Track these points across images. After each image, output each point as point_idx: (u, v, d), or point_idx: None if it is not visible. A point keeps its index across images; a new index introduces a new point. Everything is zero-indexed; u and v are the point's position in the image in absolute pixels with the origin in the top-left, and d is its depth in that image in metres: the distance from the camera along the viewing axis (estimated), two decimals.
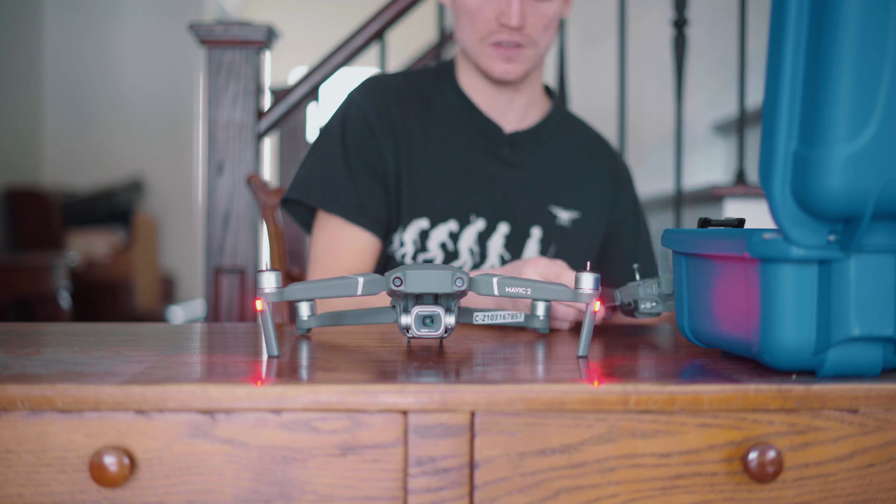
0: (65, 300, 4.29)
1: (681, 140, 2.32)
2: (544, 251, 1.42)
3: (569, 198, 1.46)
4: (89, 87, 5.77)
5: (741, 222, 0.97)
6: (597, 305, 0.91)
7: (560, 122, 1.51)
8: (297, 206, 1.44)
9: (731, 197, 2.30)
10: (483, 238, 1.41)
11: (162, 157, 5.85)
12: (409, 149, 1.41)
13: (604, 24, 3.22)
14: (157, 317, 5.21)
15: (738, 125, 2.32)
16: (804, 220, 0.76)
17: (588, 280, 0.92)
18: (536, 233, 1.42)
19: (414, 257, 1.40)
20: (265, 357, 0.90)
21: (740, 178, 2.29)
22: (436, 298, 0.92)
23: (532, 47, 1.38)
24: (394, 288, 0.89)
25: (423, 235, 1.41)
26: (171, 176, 5.90)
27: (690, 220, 2.52)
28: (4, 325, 1.20)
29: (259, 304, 0.91)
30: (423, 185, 1.41)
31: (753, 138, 2.70)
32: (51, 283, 4.19)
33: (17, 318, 4.01)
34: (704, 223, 0.97)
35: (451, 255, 1.41)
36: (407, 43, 5.00)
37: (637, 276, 1.08)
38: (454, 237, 1.41)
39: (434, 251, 1.40)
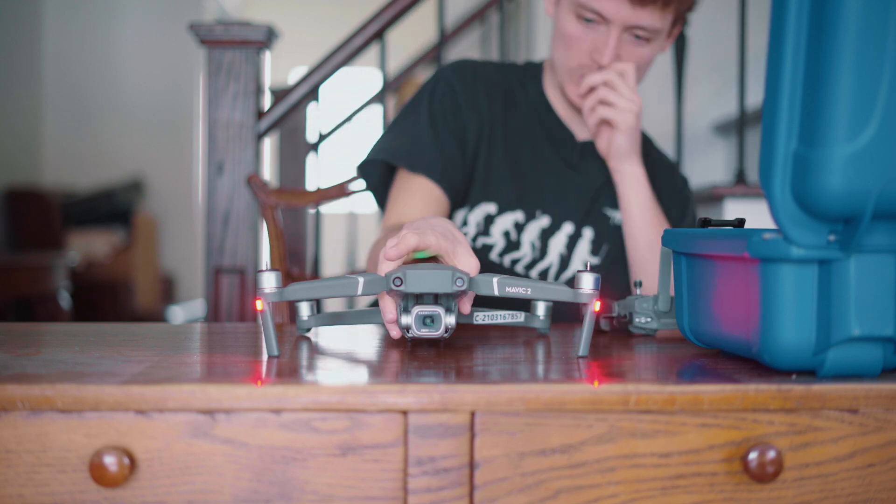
0: (65, 300, 4.29)
1: (681, 140, 2.32)
2: (596, 251, 1.44)
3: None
4: (89, 87, 5.77)
5: (741, 222, 0.97)
6: (597, 306, 0.91)
7: None
8: (373, 168, 1.46)
9: (731, 197, 2.30)
10: (546, 235, 1.42)
11: (162, 157, 5.85)
12: (491, 132, 1.44)
13: None
14: (157, 317, 5.21)
15: (738, 125, 2.32)
16: (804, 220, 0.76)
17: (588, 280, 0.91)
18: (588, 233, 1.44)
19: (474, 239, 1.42)
20: (265, 357, 0.90)
21: (740, 178, 2.29)
22: (436, 298, 0.92)
23: None
24: (394, 288, 0.89)
25: (489, 220, 1.42)
26: (171, 176, 5.90)
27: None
28: (4, 325, 1.20)
29: (259, 304, 0.90)
30: (497, 170, 1.43)
31: (753, 138, 2.70)
32: (51, 283, 4.19)
33: (17, 318, 4.01)
34: (704, 223, 0.97)
35: (512, 245, 1.42)
36: (407, 43, 5.00)
37: (637, 291, 1.09)
38: (519, 228, 1.42)
39: (496, 237, 1.42)
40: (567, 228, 1.43)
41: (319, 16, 7.33)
